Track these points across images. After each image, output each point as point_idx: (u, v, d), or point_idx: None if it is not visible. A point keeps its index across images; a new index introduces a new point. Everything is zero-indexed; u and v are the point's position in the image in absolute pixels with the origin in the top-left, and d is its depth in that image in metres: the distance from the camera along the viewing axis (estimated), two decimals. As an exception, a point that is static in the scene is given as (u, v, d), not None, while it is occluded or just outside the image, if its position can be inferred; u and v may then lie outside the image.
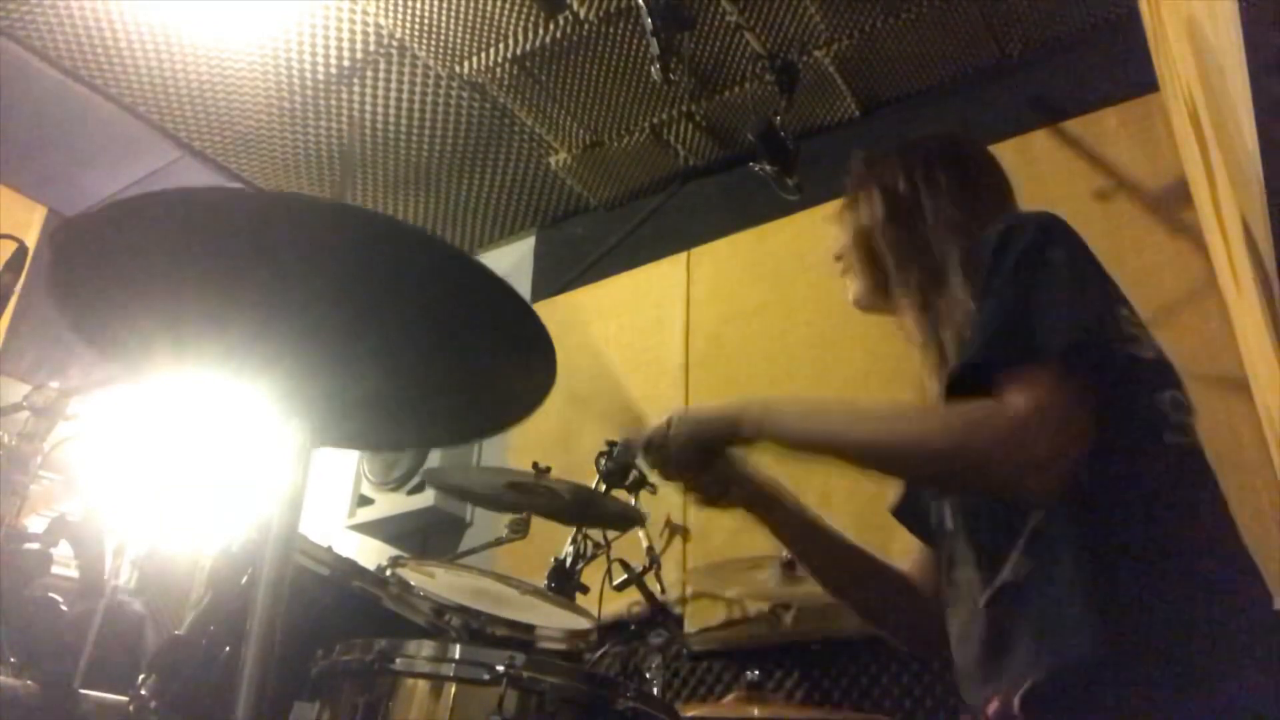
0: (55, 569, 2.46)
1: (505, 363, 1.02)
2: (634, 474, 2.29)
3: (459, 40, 3.08)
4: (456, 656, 1.21)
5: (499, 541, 2.28)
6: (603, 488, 2.24)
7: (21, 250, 1.98)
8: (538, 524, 2.26)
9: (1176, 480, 1.07)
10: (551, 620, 1.85)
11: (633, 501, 2.40)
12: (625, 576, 2.24)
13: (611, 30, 3.01)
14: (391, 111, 3.34)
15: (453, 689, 1.20)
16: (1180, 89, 1.94)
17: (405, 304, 0.96)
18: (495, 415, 1.12)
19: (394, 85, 3.24)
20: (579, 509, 2.03)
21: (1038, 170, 2.68)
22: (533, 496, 2.05)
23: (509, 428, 1.11)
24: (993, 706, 1.07)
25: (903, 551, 1.54)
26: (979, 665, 1.14)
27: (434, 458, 3.42)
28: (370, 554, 3.14)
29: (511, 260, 3.98)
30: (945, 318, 1.21)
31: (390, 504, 3.46)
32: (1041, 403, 1.02)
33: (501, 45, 3.09)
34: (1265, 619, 1.01)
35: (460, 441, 3.02)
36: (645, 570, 2.31)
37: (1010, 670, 1.07)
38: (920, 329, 1.27)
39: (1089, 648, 1.00)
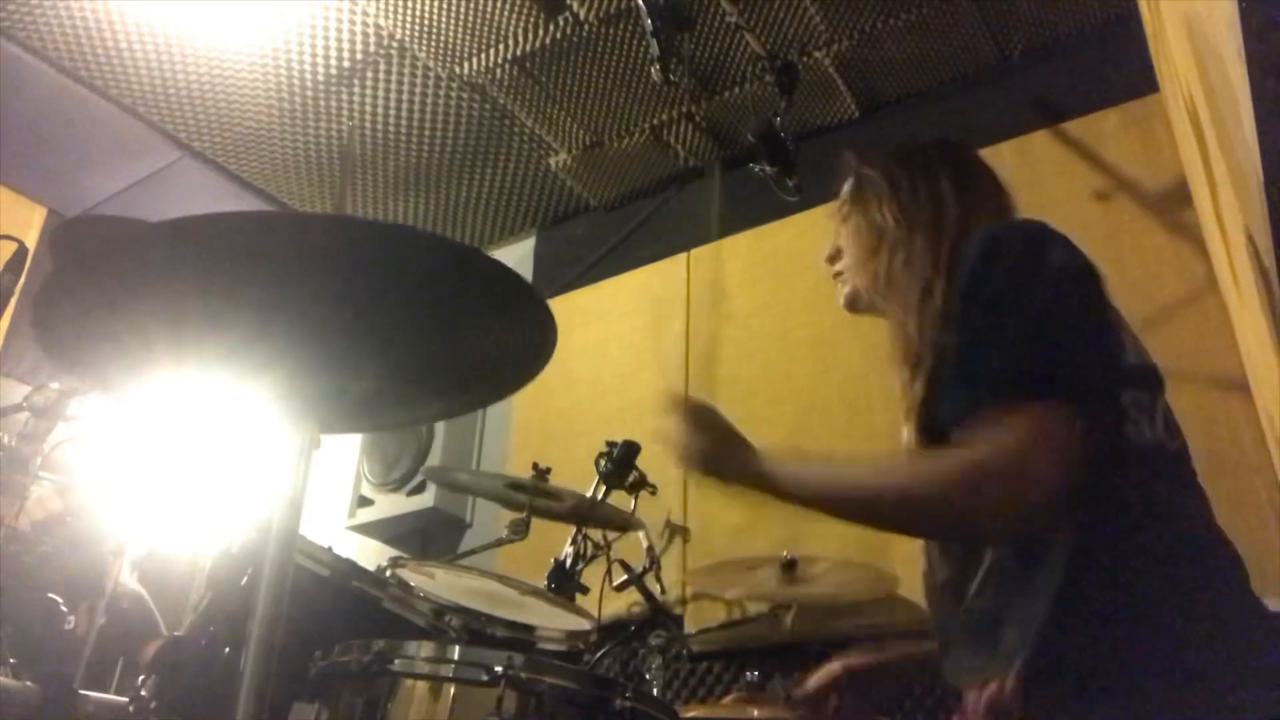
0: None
1: (504, 335, 1.03)
2: (634, 475, 2.30)
3: (459, 41, 3.08)
4: (455, 657, 1.21)
5: (499, 542, 2.28)
6: (603, 489, 2.24)
7: (21, 251, 1.98)
8: (538, 524, 2.26)
9: (1152, 480, 1.08)
10: (551, 621, 1.85)
11: (632, 502, 2.41)
12: (625, 577, 2.25)
13: (611, 31, 3.01)
14: (391, 112, 3.34)
15: (452, 689, 1.20)
16: (1180, 89, 1.94)
17: (401, 294, 0.96)
18: (493, 387, 1.13)
19: (394, 86, 3.24)
20: (579, 516, 2.03)
21: (1038, 171, 2.68)
22: (534, 497, 2.06)
23: (515, 390, 1.13)
24: (984, 693, 1.07)
25: (904, 556, 1.55)
26: (962, 650, 1.15)
27: (434, 458, 3.42)
28: (370, 555, 3.14)
29: (511, 261, 3.98)
30: (929, 326, 1.21)
31: (390, 505, 3.46)
32: (1035, 438, 1.01)
33: (501, 46, 3.09)
34: (1249, 616, 1.01)
35: (461, 412, 3.01)
36: (645, 571, 2.32)
37: (995, 658, 1.08)
38: (902, 335, 1.26)
39: (1076, 639, 1.02)
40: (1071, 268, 1.13)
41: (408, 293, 0.96)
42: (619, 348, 3.37)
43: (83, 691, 2.06)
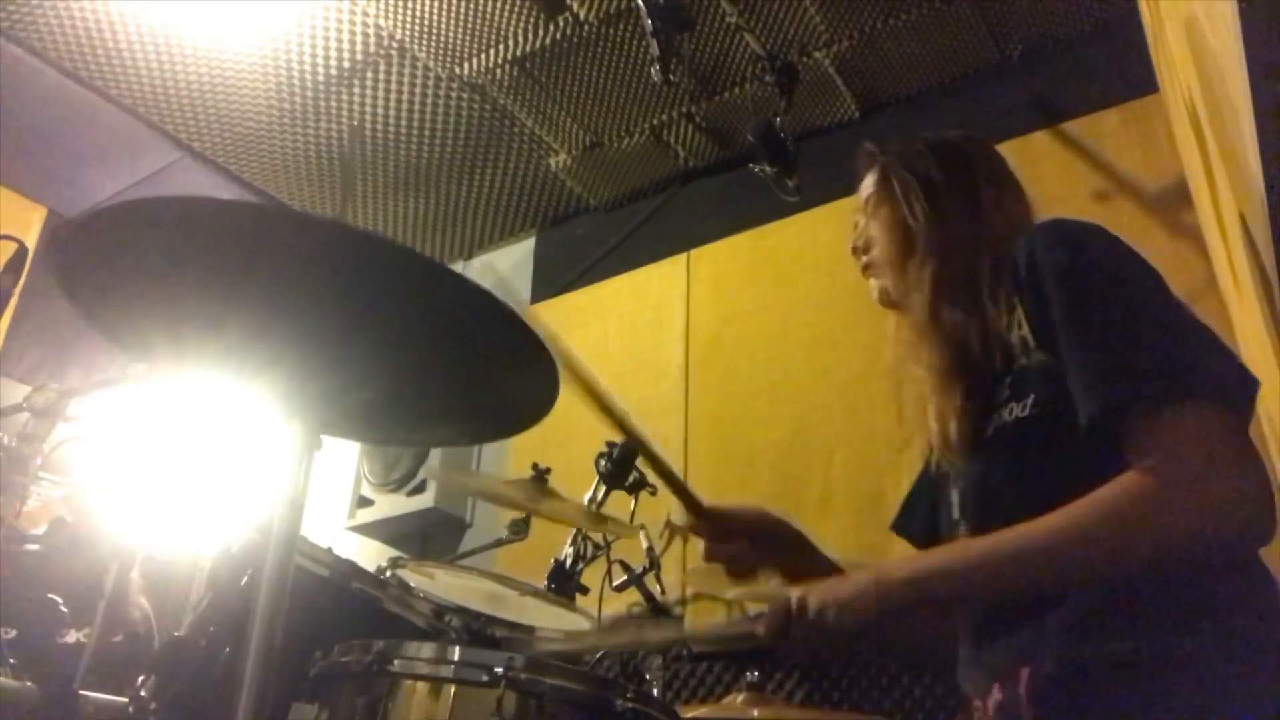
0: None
1: (506, 372, 1.03)
2: (634, 475, 2.29)
3: (459, 42, 3.08)
4: (455, 658, 1.21)
5: (499, 543, 2.28)
6: (603, 489, 2.24)
7: (21, 251, 1.98)
8: (538, 525, 2.26)
9: None
10: (551, 621, 1.85)
11: (632, 503, 2.40)
12: (625, 577, 2.24)
13: (611, 32, 3.01)
14: (392, 113, 3.34)
15: (452, 690, 1.19)
16: (1180, 90, 1.94)
17: (403, 311, 0.96)
18: (497, 422, 1.12)
19: (394, 86, 3.24)
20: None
21: (1038, 171, 2.67)
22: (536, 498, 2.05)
23: (512, 435, 1.11)
24: (994, 696, 1.06)
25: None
26: (976, 651, 1.14)
27: (434, 459, 3.42)
28: (370, 555, 3.13)
29: (511, 261, 3.98)
30: (967, 321, 1.18)
31: (390, 505, 3.46)
32: (1201, 449, 0.94)
33: (501, 47, 3.09)
34: (1272, 617, 1.00)
35: (462, 444, 3.03)
36: (645, 571, 2.31)
37: (1008, 657, 1.07)
38: (935, 329, 1.22)
39: (1089, 639, 1.00)
40: (1149, 266, 1.09)
41: (405, 305, 0.96)
42: (619, 348, 3.37)
43: (83, 692, 2.06)
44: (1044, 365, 1.08)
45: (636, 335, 3.36)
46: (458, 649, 1.21)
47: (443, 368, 1.03)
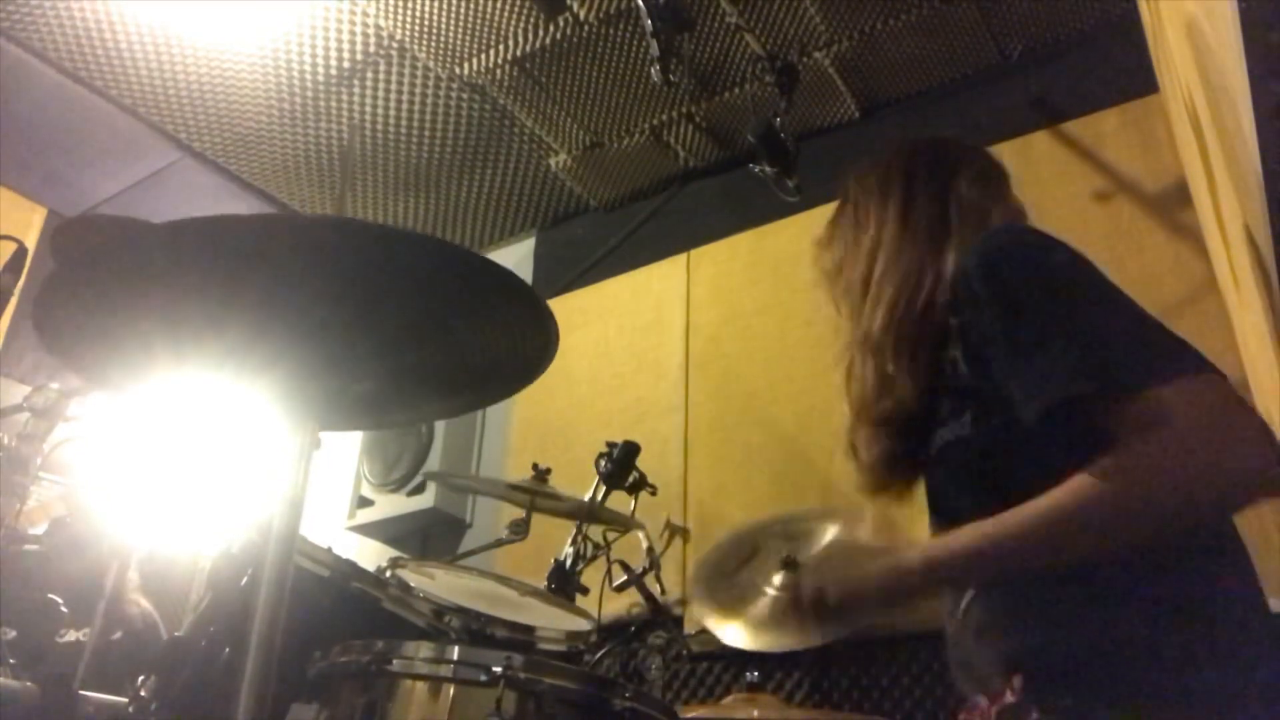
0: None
1: (504, 336, 1.03)
2: (634, 475, 2.29)
3: (459, 42, 3.08)
4: (454, 658, 1.21)
5: (499, 543, 2.28)
6: (603, 489, 2.24)
7: (21, 251, 1.98)
8: (537, 525, 2.27)
9: None
10: (551, 621, 1.85)
11: (632, 503, 2.41)
12: (625, 577, 2.25)
13: (611, 32, 3.01)
14: (392, 113, 3.34)
15: (451, 690, 1.20)
16: (1180, 90, 1.94)
17: (400, 296, 0.96)
18: (500, 383, 1.13)
19: (394, 86, 3.24)
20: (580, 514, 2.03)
21: (1038, 171, 2.68)
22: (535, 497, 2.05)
23: (518, 390, 1.12)
24: (995, 697, 1.06)
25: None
26: (966, 654, 1.14)
27: (434, 458, 3.42)
28: (370, 555, 3.14)
29: (511, 261, 3.98)
30: (902, 340, 1.20)
31: (390, 505, 3.46)
32: (1192, 412, 0.94)
33: (501, 47, 3.09)
34: (1256, 616, 1.01)
35: (462, 411, 3.02)
36: (645, 571, 2.31)
37: (998, 660, 1.07)
38: (868, 346, 1.25)
39: (1076, 641, 1.01)
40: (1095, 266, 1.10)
41: (406, 294, 0.96)
42: (619, 348, 3.37)
43: (83, 692, 2.06)
44: (973, 382, 1.10)
45: (636, 335, 3.36)
46: (456, 648, 1.22)
47: (439, 341, 1.03)
